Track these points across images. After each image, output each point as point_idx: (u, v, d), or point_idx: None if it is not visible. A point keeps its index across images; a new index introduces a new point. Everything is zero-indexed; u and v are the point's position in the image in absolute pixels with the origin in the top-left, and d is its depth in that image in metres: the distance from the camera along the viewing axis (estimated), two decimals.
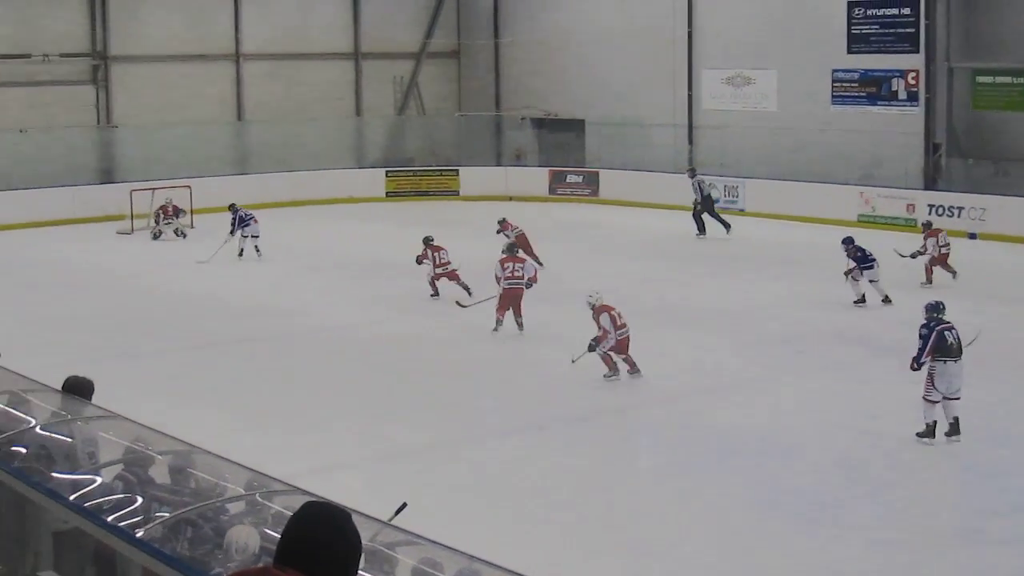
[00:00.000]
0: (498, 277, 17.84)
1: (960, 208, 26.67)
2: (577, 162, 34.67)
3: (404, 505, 6.60)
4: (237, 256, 24.49)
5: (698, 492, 11.78)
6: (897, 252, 21.20)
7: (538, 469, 12.48)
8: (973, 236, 26.12)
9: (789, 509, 11.29)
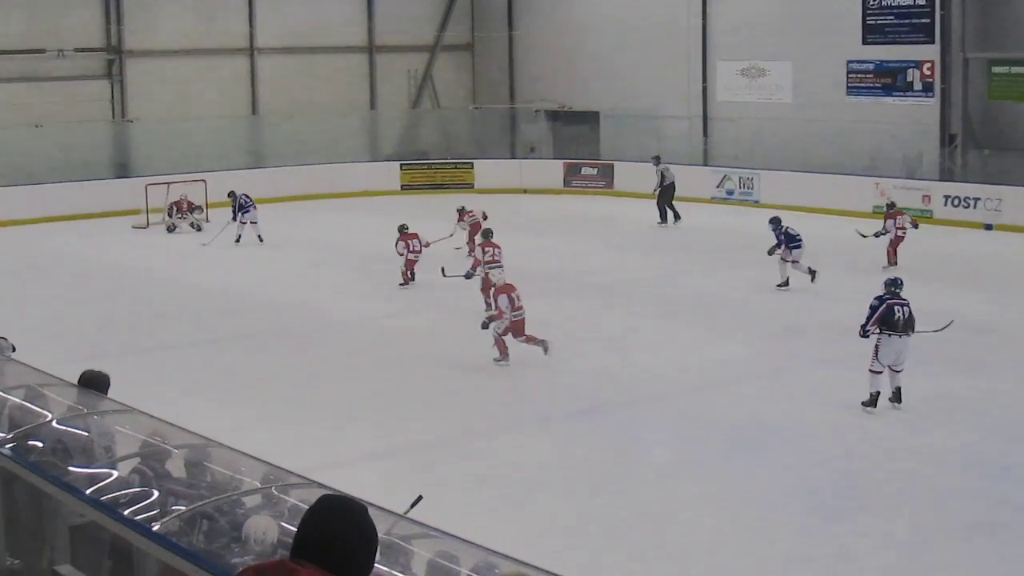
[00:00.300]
0: (477, 260, 18.37)
1: (976, 199, 26.57)
2: (592, 154, 34.64)
3: (420, 498, 6.60)
4: (234, 242, 24.60)
5: (707, 485, 11.74)
6: (859, 232, 21.66)
7: (554, 462, 12.47)
8: (989, 227, 26.04)
9: (801, 503, 11.24)
